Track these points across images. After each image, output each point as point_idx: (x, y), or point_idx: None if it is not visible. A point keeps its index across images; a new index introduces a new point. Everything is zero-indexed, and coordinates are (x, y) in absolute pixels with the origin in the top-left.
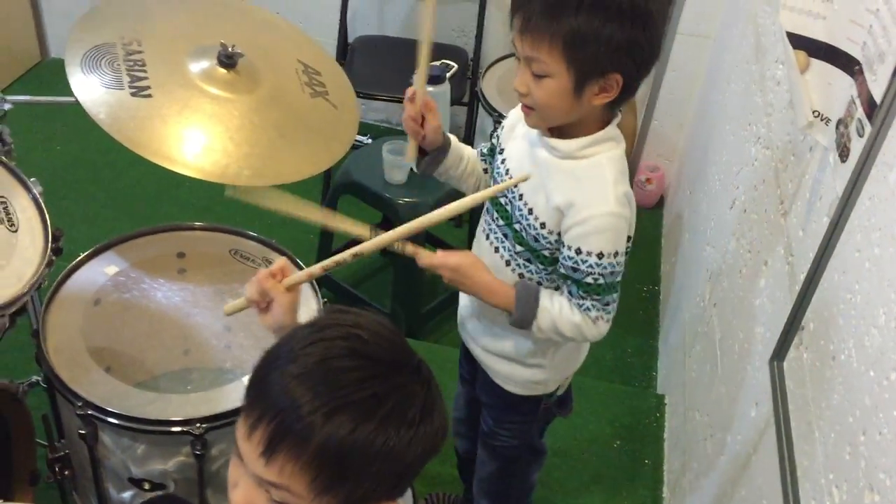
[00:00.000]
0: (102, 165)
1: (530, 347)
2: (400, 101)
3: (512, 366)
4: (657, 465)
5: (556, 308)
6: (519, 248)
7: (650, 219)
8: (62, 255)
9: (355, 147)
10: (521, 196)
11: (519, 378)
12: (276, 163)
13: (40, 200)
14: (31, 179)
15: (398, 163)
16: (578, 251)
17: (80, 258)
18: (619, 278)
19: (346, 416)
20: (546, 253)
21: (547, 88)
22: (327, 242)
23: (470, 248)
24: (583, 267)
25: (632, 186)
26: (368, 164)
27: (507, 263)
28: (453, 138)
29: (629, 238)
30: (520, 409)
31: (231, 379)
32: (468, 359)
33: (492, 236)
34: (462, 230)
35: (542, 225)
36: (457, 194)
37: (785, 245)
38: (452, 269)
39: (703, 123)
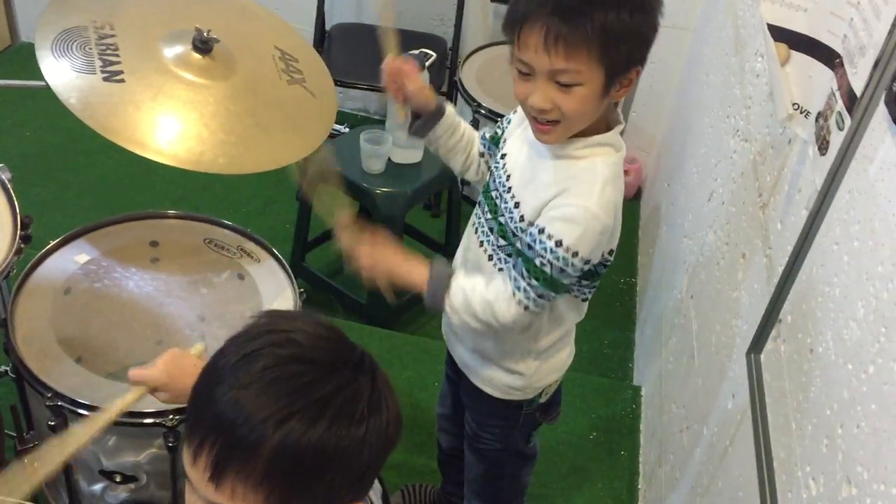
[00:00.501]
0: (75, 152)
1: (511, 353)
2: (378, 90)
3: (492, 369)
4: (633, 456)
5: (469, 285)
6: (502, 241)
7: (628, 210)
8: (31, 243)
9: (332, 136)
10: (509, 189)
11: (498, 382)
12: (253, 151)
13: (9, 186)
14: (0, 165)
15: (376, 152)
16: (542, 230)
17: (49, 246)
18: (566, 280)
19: (293, 425)
20: (515, 225)
21: (579, 97)
22: (303, 232)
23: (447, 240)
24: (537, 247)
25: None
26: (346, 153)
27: (490, 258)
28: (451, 108)
29: (611, 252)
30: (500, 414)
31: None
32: (453, 359)
33: (479, 230)
34: (440, 220)
35: (521, 218)
36: (430, 185)
37: (763, 238)
38: (368, 253)
39: (681, 115)
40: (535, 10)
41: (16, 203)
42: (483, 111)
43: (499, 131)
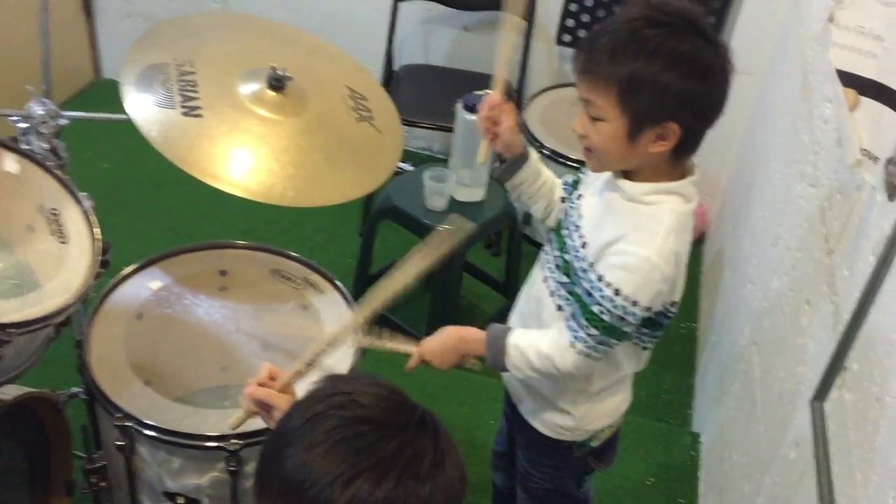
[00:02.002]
0: (149, 184)
1: (562, 392)
2: (442, 129)
3: (542, 405)
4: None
5: (524, 342)
6: (564, 278)
7: (690, 255)
8: (108, 269)
9: (396, 174)
10: (578, 227)
11: (548, 420)
12: (320, 185)
13: (90, 214)
14: (82, 194)
15: (439, 189)
16: (601, 278)
17: (125, 272)
18: (626, 328)
19: (359, 486)
20: (581, 265)
21: (601, 132)
22: (365, 266)
23: (506, 279)
24: (596, 294)
25: None
26: (409, 190)
27: (551, 294)
28: (535, 154)
29: (674, 304)
30: (550, 453)
31: None
32: (510, 396)
33: (546, 266)
34: (500, 259)
35: (585, 258)
36: (491, 224)
37: (829, 284)
38: (432, 351)
39: (747, 160)
40: (587, 41)
41: (96, 230)
42: (546, 152)
43: (581, 175)
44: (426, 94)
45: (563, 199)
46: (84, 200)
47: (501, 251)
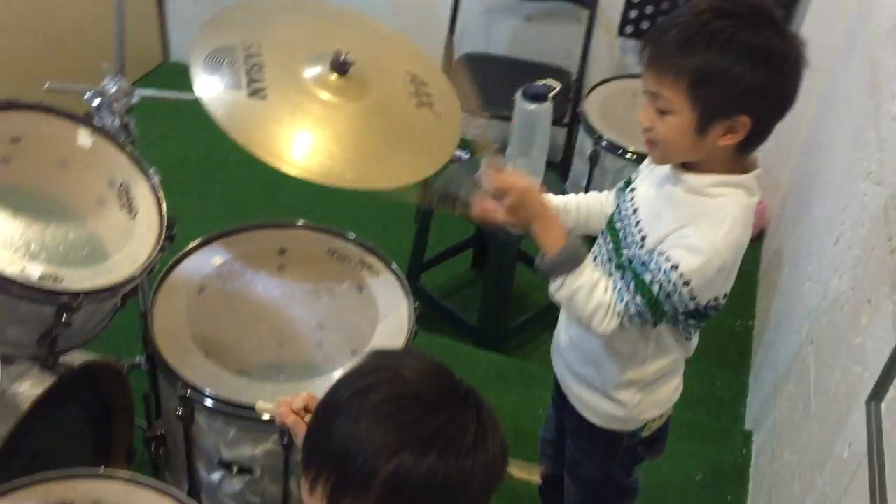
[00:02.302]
0: (212, 165)
1: (614, 380)
2: (501, 118)
3: (593, 395)
4: (740, 502)
5: (593, 278)
6: (617, 273)
7: (749, 252)
8: (172, 245)
9: (453, 161)
10: (637, 222)
11: (598, 409)
12: (379, 168)
13: (158, 189)
14: (151, 169)
15: None
16: (661, 252)
17: (189, 247)
18: (667, 307)
19: (403, 458)
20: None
21: (669, 125)
22: (420, 252)
23: None
24: (651, 265)
25: None
26: (466, 178)
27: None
28: (554, 199)
29: (725, 296)
30: (600, 442)
31: (321, 373)
32: (559, 383)
33: (598, 258)
34: None
35: (642, 247)
36: None
37: (891, 283)
38: (521, 191)
39: (810, 157)
40: (655, 33)
41: (163, 204)
42: (604, 143)
43: (633, 177)
44: (486, 82)
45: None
46: (153, 176)
47: None
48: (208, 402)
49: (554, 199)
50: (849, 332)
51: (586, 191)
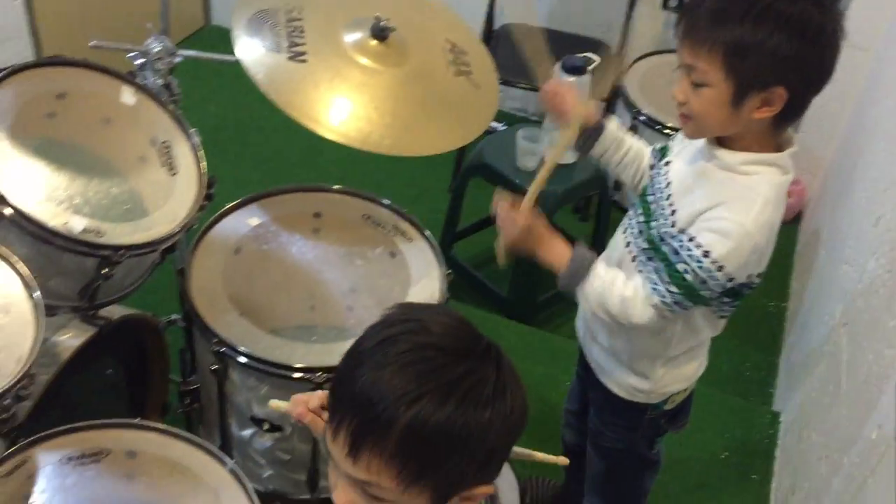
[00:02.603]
0: (250, 129)
1: (640, 354)
2: (538, 90)
3: (618, 367)
4: (765, 481)
5: (609, 277)
6: (646, 245)
7: (785, 233)
8: (210, 205)
9: (488, 132)
10: (668, 196)
11: (622, 381)
12: (415, 135)
13: (199, 149)
14: (192, 129)
15: (531, 149)
16: (691, 238)
17: (227, 207)
18: (705, 292)
19: (422, 406)
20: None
21: (705, 98)
22: (453, 222)
23: (594, 244)
24: (683, 254)
25: None
26: (502, 149)
27: (633, 259)
28: (613, 124)
29: (759, 275)
30: (623, 414)
31: (351, 336)
32: (584, 356)
33: (628, 230)
34: (587, 225)
35: (673, 224)
36: (580, 188)
37: None
38: (523, 229)
39: (853, 138)
40: (690, 5)
41: (203, 163)
42: (642, 118)
43: (670, 143)
44: (524, 54)
45: (651, 167)
46: (193, 136)
47: (589, 216)
48: (241, 359)
49: (613, 122)
50: (884, 315)
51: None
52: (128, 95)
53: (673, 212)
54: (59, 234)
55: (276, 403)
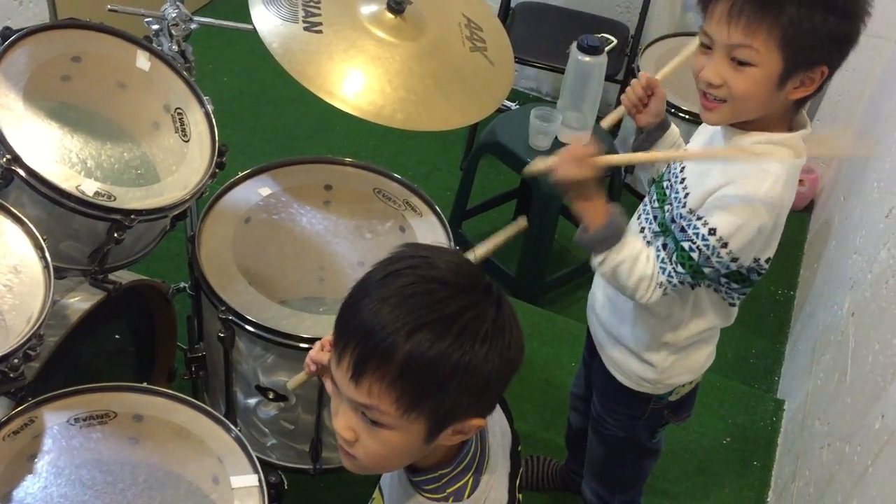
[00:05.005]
0: (264, 101)
1: (647, 341)
2: (554, 69)
3: (625, 355)
4: (766, 468)
5: (635, 250)
6: (658, 229)
7: (796, 222)
8: (223, 171)
9: (500, 111)
10: (683, 180)
11: (628, 370)
12: (429, 109)
13: (212, 116)
14: (206, 97)
15: (544, 129)
16: (699, 217)
17: (238, 176)
18: (707, 270)
19: (424, 335)
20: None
21: (750, 77)
22: (463, 200)
23: None
24: (689, 231)
25: None
26: (515, 127)
27: (647, 245)
28: (673, 126)
29: (768, 260)
30: (626, 403)
31: None
32: (591, 340)
33: (642, 217)
34: None
35: (684, 205)
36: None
37: None
38: (579, 156)
39: (870, 127)
40: None
41: (216, 131)
42: None
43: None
44: (541, 33)
45: None
46: (207, 103)
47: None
48: (249, 328)
49: (673, 126)
50: (892, 306)
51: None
52: (143, 60)
53: (686, 194)
54: (71, 196)
55: (294, 383)
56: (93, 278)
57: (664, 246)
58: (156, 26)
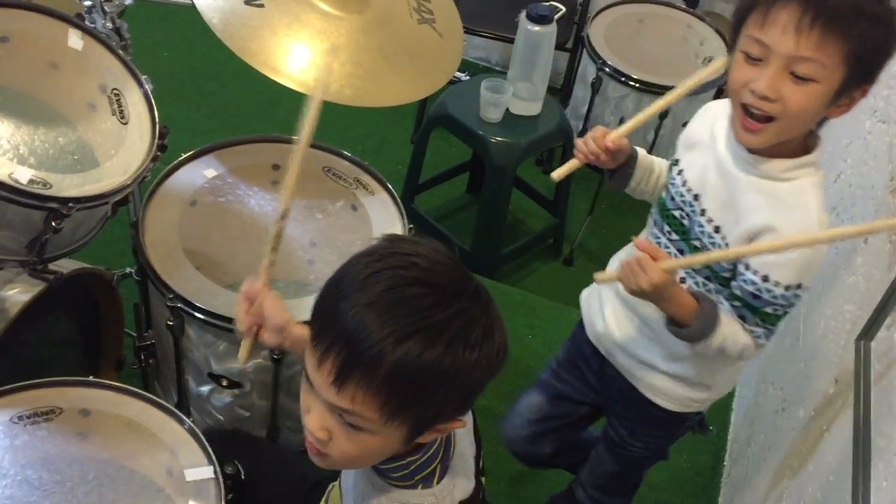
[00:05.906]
0: (206, 76)
1: (705, 367)
2: (503, 39)
3: (669, 381)
4: (722, 433)
5: (731, 329)
6: (701, 268)
7: None
8: (163, 156)
9: (452, 83)
10: (703, 212)
11: (674, 394)
12: (377, 84)
13: (151, 97)
14: (144, 77)
15: (495, 100)
16: (766, 279)
17: (181, 158)
18: (791, 310)
19: (413, 344)
20: (726, 274)
21: (811, 93)
22: (415, 174)
23: (557, 198)
24: (766, 296)
25: None
26: (465, 100)
27: (683, 281)
28: (641, 151)
29: None
30: (663, 425)
31: (312, 291)
32: (594, 370)
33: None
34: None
35: (726, 243)
36: (544, 140)
37: None
38: (649, 263)
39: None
40: None
41: (156, 113)
42: (608, 69)
43: (675, 157)
44: (490, 2)
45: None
46: (146, 83)
47: (553, 169)
48: (198, 315)
49: (641, 151)
50: (843, 271)
51: (586, 118)
52: (75, 39)
53: (717, 229)
54: (3, 184)
55: (243, 354)
56: (32, 269)
57: (747, 319)
58: (88, 3)
